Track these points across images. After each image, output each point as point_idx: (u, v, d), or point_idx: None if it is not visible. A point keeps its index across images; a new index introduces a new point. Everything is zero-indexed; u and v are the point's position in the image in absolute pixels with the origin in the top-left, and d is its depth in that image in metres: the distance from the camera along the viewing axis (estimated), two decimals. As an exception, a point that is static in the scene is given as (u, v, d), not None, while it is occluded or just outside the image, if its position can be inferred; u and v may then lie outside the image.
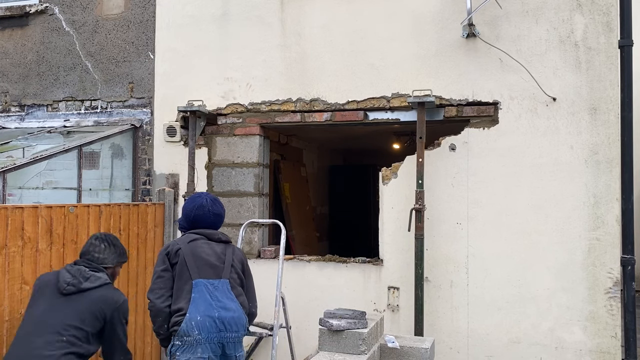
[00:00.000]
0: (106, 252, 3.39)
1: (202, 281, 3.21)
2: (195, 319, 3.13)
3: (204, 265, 3.24)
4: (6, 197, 4.39)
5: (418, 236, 4.38)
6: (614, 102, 4.18)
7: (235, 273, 3.33)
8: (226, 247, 3.43)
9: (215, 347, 3.18)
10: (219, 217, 3.53)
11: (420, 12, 4.66)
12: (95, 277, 3.22)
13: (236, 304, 3.25)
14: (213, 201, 3.53)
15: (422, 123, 4.41)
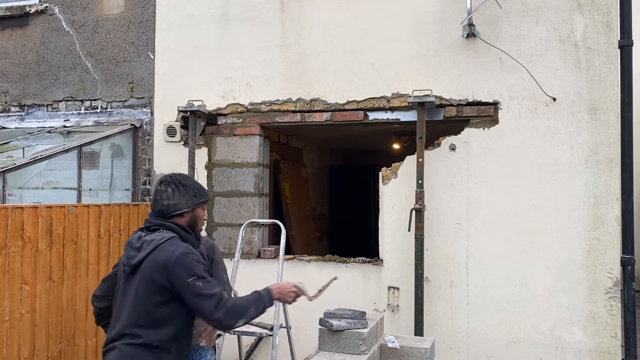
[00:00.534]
0: (176, 196, 2.69)
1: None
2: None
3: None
4: (6, 197, 4.39)
5: (418, 236, 4.38)
6: (614, 102, 4.18)
7: None
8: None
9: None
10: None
11: (420, 12, 4.66)
12: (149, 242, 2.58)
13: None
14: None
15: (422, 123, 4.41)
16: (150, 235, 2.62)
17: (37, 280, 3.76)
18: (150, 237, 2.60)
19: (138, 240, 2.62)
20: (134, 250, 2.59)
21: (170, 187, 2.71)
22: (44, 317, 3.82)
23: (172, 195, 2.69)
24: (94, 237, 4.29)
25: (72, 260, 4.07)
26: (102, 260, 4.37)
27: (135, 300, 2.51)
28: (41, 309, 3.79)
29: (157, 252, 2.53)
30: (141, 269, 2.53)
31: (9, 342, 3.53)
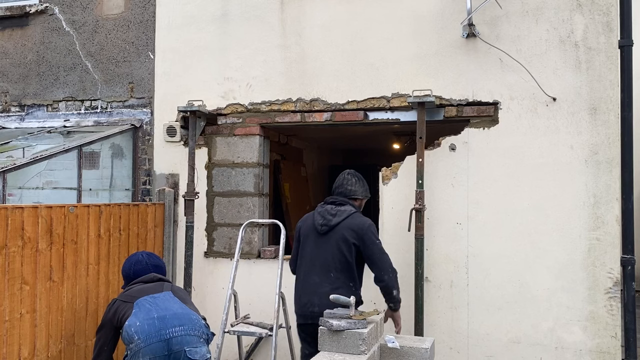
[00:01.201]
0: (357, 185, 3.88)
1: (140, 300, 3.37)
2: (135, 325, 3.16)
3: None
4: (6, 197, 4.39)
5: (418, 236, 4.38)
6: (614, 102, 4.18)
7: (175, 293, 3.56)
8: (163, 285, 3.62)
9: (156, 348, 3.13)
10: (158, 268, 3.77)
11: (420, 12, 4.66)
12: (341, 212, 3.70)
13: (179, 305, 3.37)
14: (149, 255, 3.82)
15: (422, 123, 4.41)
16: (340, 207, 3.72)
17: (37, 280, 3.76)
18: (342, 208, 3.72)
19: (332, 209, 3.72)
20: (330, 216, 3.69)
21: (354, 178, 3.87)
22: (44, 317, 3.82)
23: (355, 184, 3.86)
24: (94, 237, 4.29)
25: (72, 260, 4.07)
26: (102, 260, 4.38)
27: (333, 252, 3.61)
28: (41, 309, 3.79)
29: (351, 219, 3.66)
30: (337, 229, 3.63)
31: (9, 342, 3.53)
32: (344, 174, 3.91)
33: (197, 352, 3.20)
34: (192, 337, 3.20)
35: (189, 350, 3.17)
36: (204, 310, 5.14)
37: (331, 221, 3.68)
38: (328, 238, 3.67)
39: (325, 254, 3.66)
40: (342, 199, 3.80)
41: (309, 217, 3.89)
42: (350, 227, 3.65)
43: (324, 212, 3.74)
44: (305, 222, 3.90)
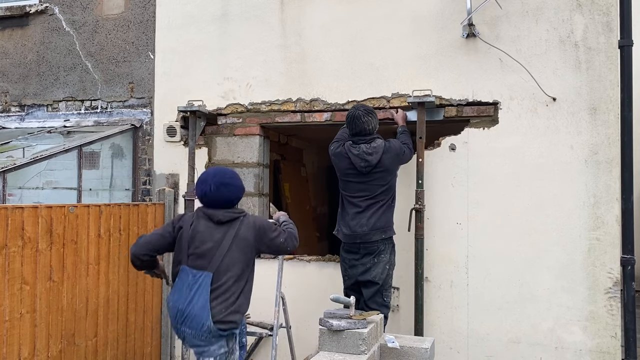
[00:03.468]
0: (373, 122, 4.18)
1: (186, 269, 3.26)
2: (169, 305, 3.33)
3: (194, 251, 3.28)
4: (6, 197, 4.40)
5: (418, 236, 4.38)
6: (614, 102, 4.18)
7: (230, 260, 3.27)
8: (228, 228, 3.33)
9: (178, 334, 3.33)
10: (225, 194, 3.36)
11: (420, 12, 4.66)
12: (373, 147, 4.09)
13: (204, 302, 3.16)
14: (216, 174, 3.41)
15: (422, 123, 4.42)
16: (373, 143, 4.11)
17: (37, 280, 3.76)
18: (375, 143, 4.11)
19: (367, 148, 4.08)
20: (369, 155, 4.06)
21: (369, 116, 4.14)
22: (44, 317, 3.82)
23: (371, 121, 4.16)
24: (94, 237, 4.29)
25: (72, 260, 4.07)
26: (102, 260, 4.38)
27: (379, 183, 4.07)
28: (41, 309, 3.79)
29: (390, 148, 4.13)
30: (380, 164, 4.06)
31: (9, 342, 3.53)
32: (358, 114, 4.15)
33: (205, 352, 3.24)
34: (200, 341, 3.22)
35: (197, 350, 3.29)
36: (204, 310, 5.14)
37: (372, 160, 4.07)
38: (369, 176, 4.10)
39: (372, 188, 4.10)
40: (372, 135, 4.17)
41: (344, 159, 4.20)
42: (392, 157, 4.13)
43: (361, 154, 4.09)
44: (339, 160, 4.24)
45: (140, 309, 4.86)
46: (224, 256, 3.25)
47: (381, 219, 4.08)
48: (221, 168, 3.53)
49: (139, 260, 3.45)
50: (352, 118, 4.16)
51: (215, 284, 3.21)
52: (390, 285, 4.18)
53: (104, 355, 4.42)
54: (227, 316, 3.19)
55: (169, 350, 5.20)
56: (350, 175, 4.17)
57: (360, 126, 4.13)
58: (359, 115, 4.14)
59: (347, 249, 4.19)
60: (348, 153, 4.16)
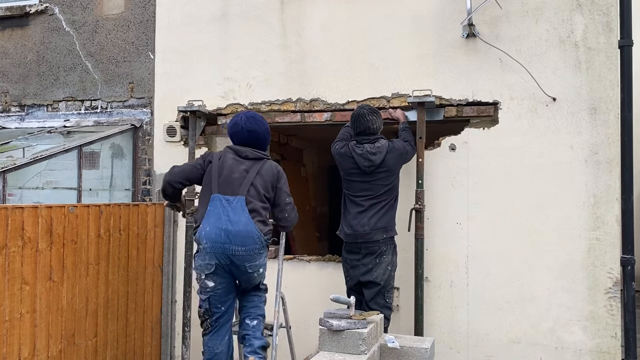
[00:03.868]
0: (378, 122, 4.21)
1: (218, 196, 3.51)
2: (206, 230, 3.48)
3: (225, 181, 3.58)
4: (6, 197, 4.40)
5: (418, 236, 4.38)
6: (614, 102, 4.18)
7: (255, 191, 3.57)
8: (253, 164, 3.66)
9: (221, 257, 3.47)
10: (253, 134, 3.75)
11: (420, 12, 4.65)
12: (377, 147, 4.11)
13: (247, 219, 3.46)
14: (248, 118, 3.76)
15: (422, 123, 4.41)
16: (377, 143, 4.13)
17: (37, 280, 3.76)
18: (379, 143, 4.13)
19: (371, 148, 4.10)
20: (373, 155, 4.09)
21: (373, 115, 4.19)
22: (44, 317, 3.82)
23: (376, 120, 4.19)
24: (94, 237, 4.29)
25: (72, 260, 4.07)
26: (102, 260, 4.38)
27: (382, 182, 4.09)
28: (41, 309, 3.79)
29: (393, 148, 4.14)
30: (384, 164, 4.08)
31: (9, 342, 3.53)
32: (359, 114, 4.21)
33: (256, 265, 3.52)
34: (252, 255, 3.48)
35: (249, 265, 3.50)
36: (204, 310, 5.14)
37: (376, 159, 4.09)
38: (375, 175, 4.12)
39: (375, 188, 4.12)
40: (375, 135, 4.18)
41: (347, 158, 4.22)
42: (395, 157, 4.16)
43: (365, 154, 4.11)
44: (343, 159, 4.24)
45: (140, 309, 4.86)
46: (250, 185, 3.57)
47: (383, 219, 4.10)
48: (252, 113, 3.87)
49: (172, 188, 3.80)
50: (357, 116, 4.21)
51: (249, 207, 3.52)
52: (392, 286, 4.18)
53: (104, 355, 4.42)
54: (267, 229, 3.58)
55: (169, 350, 5.20)
56: (354, 175, 4.19)
57: (364, 124, 4.16)
58: (363, 114, 4.18)
59: (349, 250, 4.19)
60: (352, 152, 4.17)
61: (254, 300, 3.70)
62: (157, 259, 5.11)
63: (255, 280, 3.63)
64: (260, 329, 3.67)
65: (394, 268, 4.17)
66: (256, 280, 3.63)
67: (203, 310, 3.69)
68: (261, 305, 3.72)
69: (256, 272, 3.57)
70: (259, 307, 3.70)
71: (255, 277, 3.60)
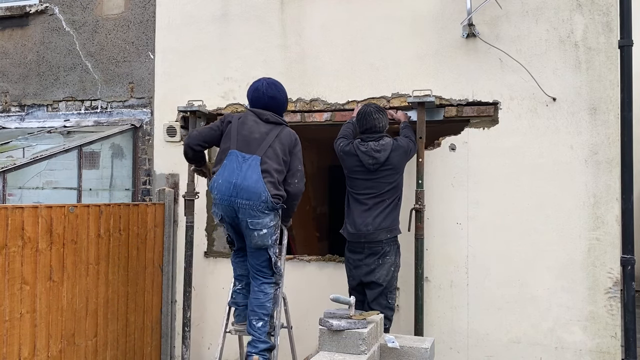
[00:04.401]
0: (384, 121, 4.22)
1: (235, 152, 3.62)
2: (218, 182, 3.60)
3: (243, 139, 3.67)
4: (6, 197, 4.40)
5: (418, 236, 4.38)
6: (614, 102, 4.18)
7: (273, 153, 3.65)
8: (273, 128, 3.75)
9: (228, 209, 3.58)
10: (273, 100, 3.85)
11: (420, 12, 4.65)
12: (381, 144, 4.11)
13: (258, 177, 3.54)
14: (269, 85, 3.85)
15: (422, 123, 4.41)
16: (381, 141, 4.12)
17: (37, 280, 3.76)
18: (383, 141, 4.12)
19: (376, 145, 4.10)
20: (377, 152, 4.09)
21: (380, 114, 4.20)
22: (44, 317, 3.82)
23: (382, 119, 4.20)
24: (94, 237, 4.29)
25: (72, 260, 4.07)
26: (102, 260, 4.38)
27: (386, 181, 4.09)
28: (41, 309, 3.79)
29: (398, 146, 4.14)
30: (388, 162, 4.08)
31: (9, 342, 3.53)
32: (365, 112, 4.21)
33: (258, 223, 3.56)
34: (256, 212, 3.54)
35: (251, 221, 3.55)
36: (204, 310, 5.14)
37: (380, 157, 4.09)
38: (379, 172, 4.12)
39: (379, 186, 4.11)
40: (380, 134, 4.18)
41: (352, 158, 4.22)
42: (399, 155, 4.14)
43: (369, 152, 4.11)
44: (347, 157, 4.24)
45: (140, 309, 4.86)
46: (268, 147, 3.65)
47: (387, 219, 4.09)
48: (272, 80, 3.95)
49: (192, 151, 3.88)
50: (364, 114, 4.21)
51: (263, 167, 3.59)
52: (395, 287, 4.17)
53: (104, 355, 4.42)
54: (277, 192, 3.61)
55: (169, 350, 5.20)
56: (358, 173, 4.18)
57: (371, 122, 4.17)
58: (370, 112, 4.19)
59: (352, 249, 4.19)
60: (356, 150, 4.17)
61: (259, 298, 3.69)
62: (157, 259, 5.11)
63: (257, 241, 3.60)
64: (265, 330, 3.66)
65: (397, 269, 4.16)
66: (258, 242, 3.60)
67: (226, 238, 3.99)
68: (267, 305, 3.69)
69: (257, 231, 3.57)
70: (264, 306, 3.68)
71: (256, 238, 3.59)
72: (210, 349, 5.12)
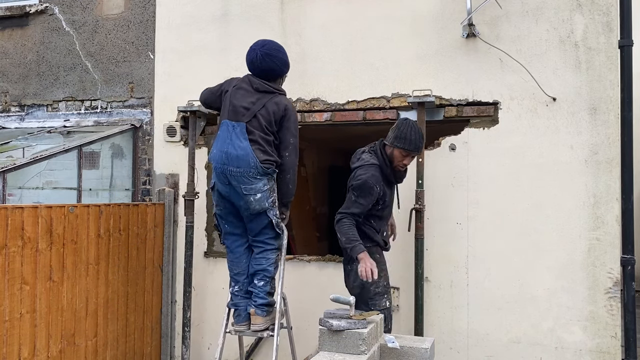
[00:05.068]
0: (392, 132, 4.04)
1: (226, 121, 3.75)
2: (213, 152, 3.77)
3: (233, 109, 3.77)
4: (6, 197, 4.39)
5: (418, 236, 4.38)
6: (614, 102, 4.18)
7: (257, 122, 3.72)
8: (261, 97, 3.80)
9: (221, 177, 3.71)
10: (270, 71, 3.89)
11: (420, 12, 4.65)
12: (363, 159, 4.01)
13: (246, 144, 3.66)
14: (263, 57, 3.84)
15: (422, 123, 4.41)
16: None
17: (37, 280, 3.76)
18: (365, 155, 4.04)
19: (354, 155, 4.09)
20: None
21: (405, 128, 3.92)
22: (44, 317, 3.82)
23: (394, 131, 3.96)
24: (94, 237, 4.29)
25: (72, 260, 4.07)
26: (102, 260, 4.38)
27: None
28: (41, 309, 3.79)
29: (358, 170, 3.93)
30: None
31: (9, 342, 3.53)
32: (412, 125, 3.97)
33: (252, 189, 3.66)
34: (248, 178, 3.65)
35: (244, 187, 3.66)
36: (204, 310, 5.14)
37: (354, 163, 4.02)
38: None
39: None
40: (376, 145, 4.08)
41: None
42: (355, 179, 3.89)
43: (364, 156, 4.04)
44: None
45: (140, 309, 4.86)
46: (253, 117, 3.74)
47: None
48: (270, 40, 3.97)
49: (206, 106, 4.27)
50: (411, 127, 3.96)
51: (250, 136, 3.69)
52: (376, 292, 3.87)
53: (104, 355, 4.42)
54: (267, 158, 3.70)
55: (169, 350, 5.20)
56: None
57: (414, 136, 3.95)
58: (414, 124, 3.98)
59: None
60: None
61: (261, 263, 3.80)
62: (157, 259, 5.11)
63: (255, 205, 3.68)
64: (266, 289, 3.79)
65: None
66: (256, 206, 3.68)
67: (215, 224, 4.03)
68: (269, 268, 3.81)
69: (252, 196, 3.65)
70: (266, 269, 3.80)
71: (252, 203, 3.66)
72: (210, 349, 5.12)
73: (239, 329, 3.90)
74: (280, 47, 3.96)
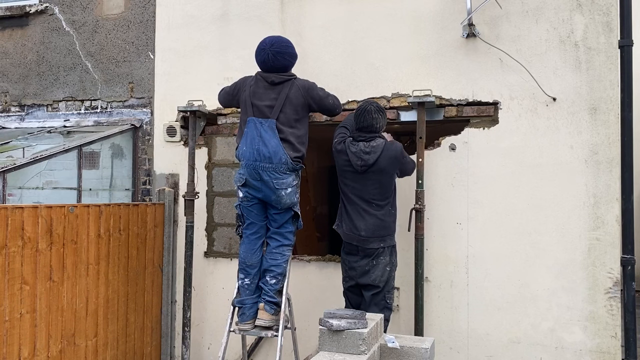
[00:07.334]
0: (382, 121, 4.11)
1: (253, 119, 3.88)
2: (242, 149, 3.91)
3: (258, 109, 3.90)
4: (6, 197, 4.39)
5: (418, 236, 4.38)
6: (614, 102, 4.18)
7: (285, 117, 3.87)
8: (282, 89, 3.92)
9: (252, 172, 3.84)
10: (283, 68, 3.98)
11: (420, 12, 4.65)
12: (371, 146, 4.02)
13: (277, 141, 3.82)
14: (275, 55, 3.93)
15: (422, 123, 4.41)
16: (372, 142, 4.02)
17: (37, 280, 3.76)
18: (374, 142, 4.02)
19: (366, 147, 4.02)
20: (366, 154, 4.00)
21: (379, 114, 4.07)
22: (44, 317, 3.82)
23: (380, 119, 4.07)
24: (94, 237, 4.29)
25: (72, 260, 4.07)
26: (102, 260, 4.38)
27: (377, 184, 4.01)
28: (41, 309, 3.79)
29: (389, 149, 4.02)
30: (376, 165, 3.98)
31: (9, 342, 3.53)
32: (365, 109, 4.09)
33: (283, 183, 3.83)
34: (279, 173, 3.82)
35: (276, 181, 3.82)
36: (204, 310, 5.14)
37: (369, 159, 4.00)
38: (369, 174, 4.03)
39: (367, 189, 4.05)
40: (374, 134, 4.08)
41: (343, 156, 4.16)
42: (389, 159, 4.01)
43: (359, 153, 4.03)
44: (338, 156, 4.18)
45: (140, 309, 4.86)
46: (280, 112, 3.87)
47: (381, 227, 4.00)
48: (277, 37, 4.07)
49: (225, 105, 4.42)
50: (363, 111, 4.08)
51: (280, 134, 3.85)
52: (392, 287, 4.11)
53: (104, 355, 4.42)
54: (296, 155, 3.88)
55: (169, 350, 5.20)
56: (347, 173, 4.10)
57: (368, 121, 4.05)
58: (370, 110, 4.06)
59: (347, 251, 4.14)
60: (347, 150, 4.08)
61: (277, 258, 3.92)
62: (157, 259, 5.11)
63: (285, 199, 3.85)
64: (277, 288, 3.90)
65: (393, 268, 4.12)
66: (286, 200, 3.85)
67: (237, 215, 4.07)
68: (283, 265, 3.93)
69: (284, 190, 3.82)
70: (280, 266, 3.92)
71: (284, 197, 3.84)
72: (210, 349, 5.12)
73: (244, 327, 3.88)
74: (287, 41, 4.04)
